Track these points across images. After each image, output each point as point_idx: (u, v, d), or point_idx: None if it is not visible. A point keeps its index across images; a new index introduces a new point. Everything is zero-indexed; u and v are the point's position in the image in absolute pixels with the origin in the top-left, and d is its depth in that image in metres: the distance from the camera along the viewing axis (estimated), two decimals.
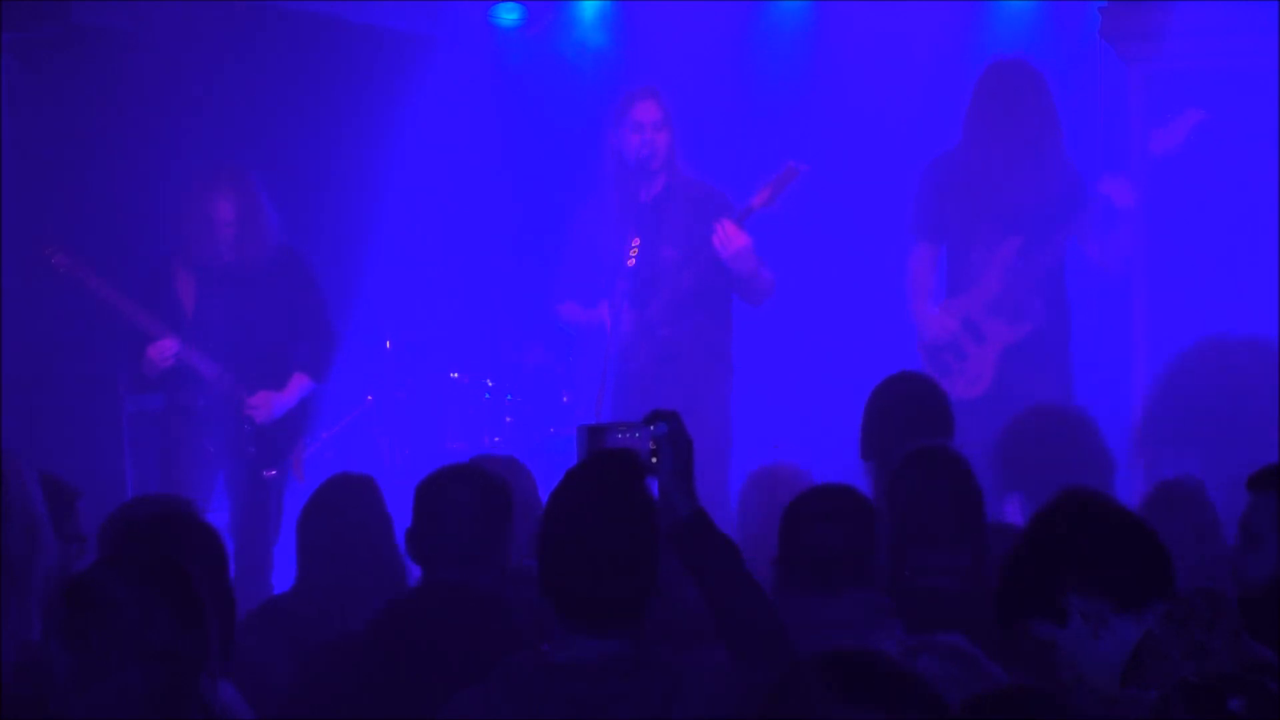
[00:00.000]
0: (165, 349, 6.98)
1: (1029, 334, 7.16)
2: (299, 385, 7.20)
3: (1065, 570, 3.15)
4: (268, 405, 7.10)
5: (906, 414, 5.00)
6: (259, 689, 3.92)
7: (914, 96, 8.52)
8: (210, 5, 7.92)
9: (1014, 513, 5.36)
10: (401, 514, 4.90)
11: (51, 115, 7.63)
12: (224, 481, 7.12)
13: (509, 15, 9.24)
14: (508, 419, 8.45)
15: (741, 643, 3.45)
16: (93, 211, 7.63)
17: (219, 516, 6.91)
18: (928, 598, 4.08)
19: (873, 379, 5.20)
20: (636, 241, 7.15)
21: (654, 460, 3.60)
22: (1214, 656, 3.02)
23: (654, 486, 3.55)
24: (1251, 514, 3.97)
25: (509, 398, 8.48)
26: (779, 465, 5.91)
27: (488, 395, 8.49)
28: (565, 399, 8.39)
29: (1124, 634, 3.12)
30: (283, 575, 7.05)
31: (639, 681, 3.31)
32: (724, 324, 7.34)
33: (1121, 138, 7.95)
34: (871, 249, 8.41)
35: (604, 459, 3.52)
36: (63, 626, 3.11)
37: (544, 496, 5.12)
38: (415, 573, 4.79)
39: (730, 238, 7.07)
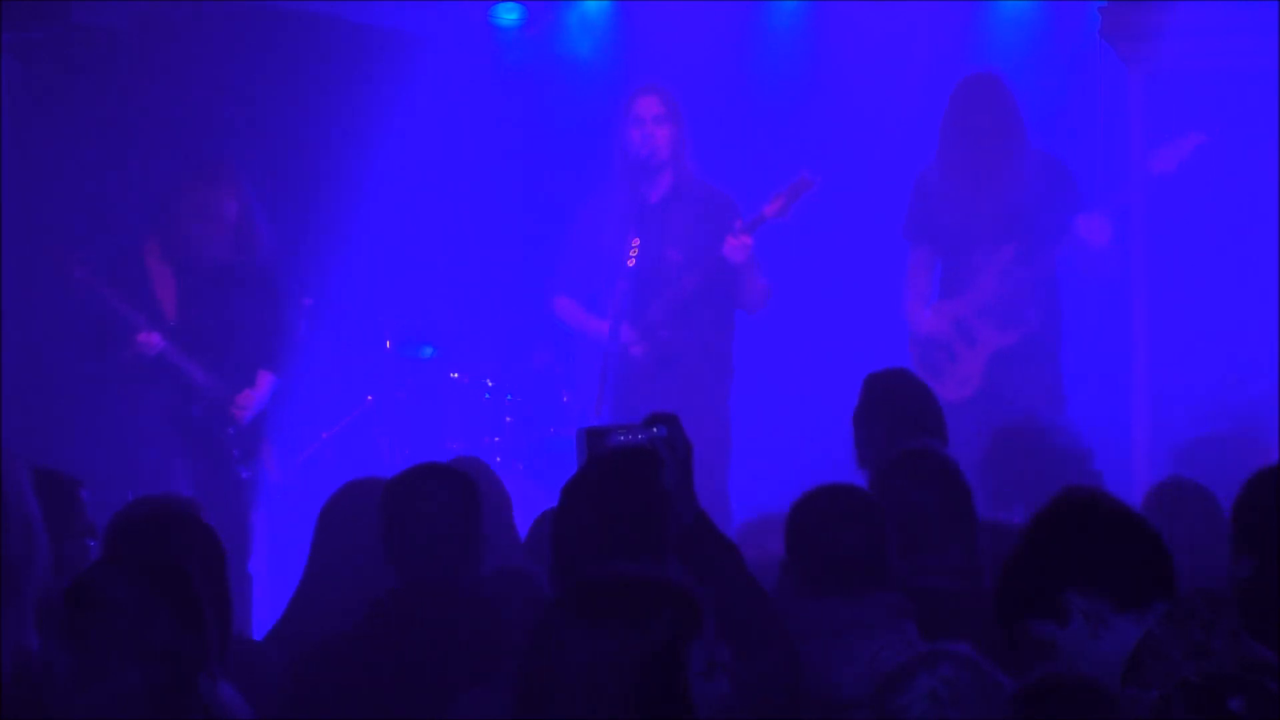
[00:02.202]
0: (152, 340, 6.93)
1: (1020, 339, 7.18)
2: (267, 381, 7.17)
3: (1066, 569, 3.15)
4: (249, 404, 7.09)
5: (895, 417, 4.97)
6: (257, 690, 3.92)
7: (913, 97, 8.51)
8: (210, 5, 7.91)
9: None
10: None
11: (51, 115, 7.62)
12: (200, 484, 7.03)
13: (509, 15, 9.23)
14: (508, 419, 8.44)
15: (744, 643, 3.45)
16: (92, 211, 7.63)
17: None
18: (927, 597, 4.07)
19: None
20: (636, 242, 7.15)
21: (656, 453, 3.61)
22: (1214, 657, 3.01)
23: None
24: None
25: (509, 398, 8.47)
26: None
27: (488, 395, 8.48)
28: (565, 399, 8.39)
29: (1124, 634, 3.11)
30: (263, 574, 7.09)
31: None
32: (725, 327, 7.34)
33: (1121, 139, 7.95)
34: (873, 251, 8.40)
35: (619, 452, 3.54)
36: (63, 627, 3.11)
37: (541, 498, 5.14)
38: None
39: (738, 244, 7.10)
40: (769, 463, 8.44)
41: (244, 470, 7.10)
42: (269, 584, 7.04)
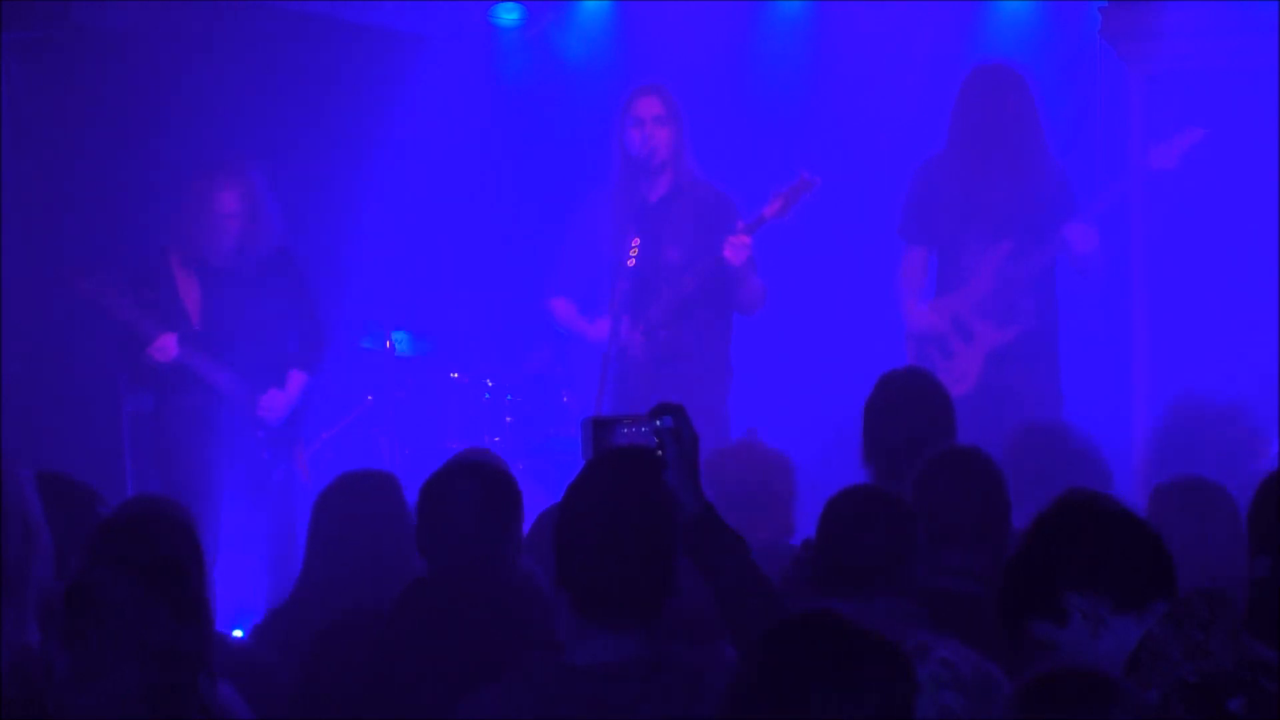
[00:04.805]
0: (166, 345, 6.92)
1: (1017, 336, 7.18)
2: (298, 382, 7.15)
3: (1065, 570, 3.15)
4: (277, 407, 7.08)
5: (909, 416, 4.96)
6: (259, 691, 3.92)
7: (913, 97, 8.52)
8: (210, 5, 7.92)
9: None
10: None
11: (51, 115, 7.62)
12: (234, 487, 7.05)
13: (509, 15, 9.24)
14: (508, 419, 8.44)
15: (750, 638, 3.44)
16: (93, 211, 7.63)
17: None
18: (943, 599, 4.05)
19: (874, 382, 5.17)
20: (636, 242, 7.16)
21: (659, 454, 3.60)
22: (1213, 656, 3.01)
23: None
24: None
25: (509, 398, 8.47)
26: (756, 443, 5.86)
27: (488, 395, 8.48)
28: (565, 399, 8.39)
29: (1124, 634, 3.11)
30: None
31: (660, 681, 3.29)
32: (724, 327, 7.34)
33: (1121, 139, 7.95)
34: (871, 250, 8.40)
35: (623, 453, 3.52)
36: (62, 626, 3.11)
37: (542, 498, 5.14)
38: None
39: (738, 245, 7.10)
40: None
41: (276, 472, 7.11)
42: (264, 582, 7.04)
